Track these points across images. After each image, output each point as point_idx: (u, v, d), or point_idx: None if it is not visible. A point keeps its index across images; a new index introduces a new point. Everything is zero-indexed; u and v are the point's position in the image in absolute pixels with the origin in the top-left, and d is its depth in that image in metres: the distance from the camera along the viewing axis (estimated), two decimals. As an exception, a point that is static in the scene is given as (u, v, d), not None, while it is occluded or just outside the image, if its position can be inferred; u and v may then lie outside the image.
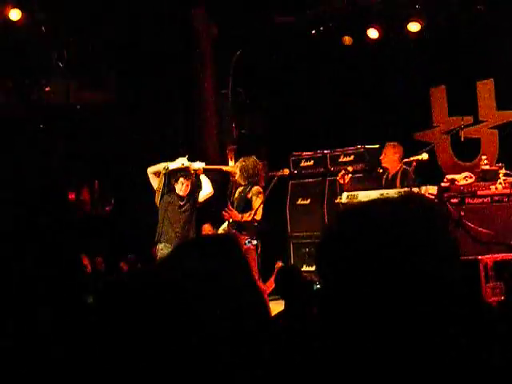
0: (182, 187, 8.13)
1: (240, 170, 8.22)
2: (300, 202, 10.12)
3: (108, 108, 10.96)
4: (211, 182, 8.55)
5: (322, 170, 10.04)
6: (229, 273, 1.52)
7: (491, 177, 6.98)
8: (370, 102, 11.06)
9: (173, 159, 8.94)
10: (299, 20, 10.93)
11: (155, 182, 8.35)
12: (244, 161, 8.35)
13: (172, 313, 1.34)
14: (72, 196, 11.61)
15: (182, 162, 8.24)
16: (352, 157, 9.77)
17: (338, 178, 8.64)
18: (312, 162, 10.17)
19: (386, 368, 1.38)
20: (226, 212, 8.08)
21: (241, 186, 8.32)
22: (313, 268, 9.64)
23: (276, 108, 11.86)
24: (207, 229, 9.14)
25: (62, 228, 8.81)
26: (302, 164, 10.18)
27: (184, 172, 8.20)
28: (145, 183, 11.27)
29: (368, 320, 1.40)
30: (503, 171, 7.10)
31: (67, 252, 2.10)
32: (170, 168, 8.18)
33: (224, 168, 8.83)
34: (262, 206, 8.07)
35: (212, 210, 8.77)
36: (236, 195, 8.39)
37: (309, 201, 9.86)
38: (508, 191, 6.78)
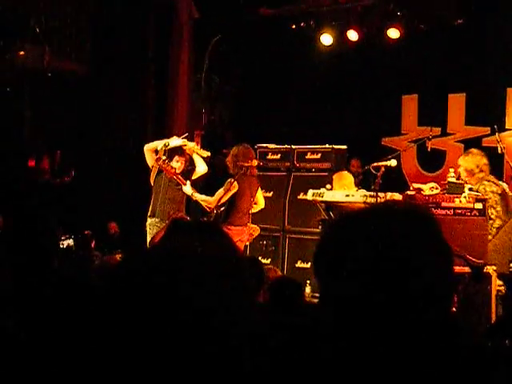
0: (177, 165, 8.22)
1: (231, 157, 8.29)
2: (263, 194, 10.12)
3: (80, 79, 10.81)
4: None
5: (288, 164, 10.05)
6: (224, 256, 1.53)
7: (456, 190, 7.08)
8: (342, 102, 11.12)
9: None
10: (281, 13, 10.93)
11: (151, 159, 8.39)
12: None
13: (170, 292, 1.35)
14: (32, 163, 11.45)
15: (180, 140, 8.37)
16: (319, 155, 9.79)
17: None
18: (279, 155, 10.16)
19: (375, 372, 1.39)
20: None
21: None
22: (268, 261, 9.66)
23: (248, 98, 11.84)
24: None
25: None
26: (269, 157, 10.17)
27: (180, 150, 8.29)
28: (105, 160, 11.19)
29: (363, 328, 1.40)
30: (468, 185, 7.20)
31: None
32: (171, 145, 8.27)
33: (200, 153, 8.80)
34: (224, 196, 8.13)
35: None
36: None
37: (271, 194, 9.87)
38: (471, 206, 6.88)
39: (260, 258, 9.79)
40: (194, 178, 8.52)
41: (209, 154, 8.65)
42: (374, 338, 1.41)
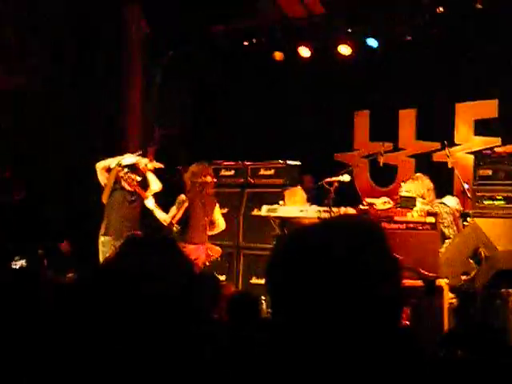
0: (129, 180, 8.20)
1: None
2: (216, 210, 10.12)
3: (30, 94, 10.69)
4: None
5: (241, 180, 10.08)
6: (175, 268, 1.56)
7: (408, 204, 7.18)
8: (295, 117, 11.20)
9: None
10: (233, 30, 10.99)
11: (103, 178, 8.34)
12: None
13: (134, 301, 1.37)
14: (-19, 181, 11.23)
15: (134, 157, 8.35)
16: (272, 171, 9.85)
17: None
18: (233, 172, 10.19)
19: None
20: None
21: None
22: (223, 277, 9.64)
23: (202, 114, 11.85)
24: None
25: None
26: (222, 173, 10.19)
27: (133, 167, 8.28)
28: (59, 177, 11.05)
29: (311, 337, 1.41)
30: (420, 200, 7.31)
31: None
32: (124, 163, 8.23)
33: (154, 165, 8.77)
34: (177, 213, 8.14)
35: None
36: None
37: (226, 210, 9.85)
38: (423, 220, 6.99)
39: (215, 273, 9.78)
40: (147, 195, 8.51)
41: (162, 165, 8.68)
42: (324, 350, 1.42)
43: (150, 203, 8.31)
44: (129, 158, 8.39)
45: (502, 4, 9.36)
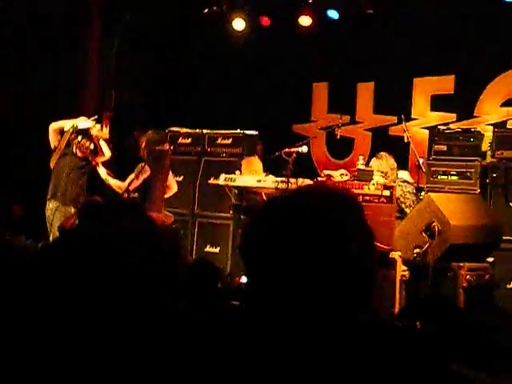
0: (83, 148, 8.09)
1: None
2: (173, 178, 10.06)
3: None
4: None
5: (199, 149, 10.02)
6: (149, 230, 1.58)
7: (365, 177, 7.25)
8: (253, 87, 11.14)
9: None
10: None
11: (55, 140, 8.20)
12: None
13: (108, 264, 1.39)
14: None
15: (89, 122, 8.20)
16: (230, 140, 9.81)
17: None
18: (190, 139, 10.13)
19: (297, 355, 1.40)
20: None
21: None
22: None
23: (160, 80, 11.72)
24: None
25: None
26: (180, 141, 10.12)
27: (87, 133, 8.14)
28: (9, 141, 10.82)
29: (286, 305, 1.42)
30: (378, 173, 7.38)
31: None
32: (79, 127, 8.08)
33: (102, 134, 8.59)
34: (135, 181, 8.09)
35: None
36: None
37: (182, 178, 9.81)
38: (379, 193, 7.06)
39: (169, 242, 9.75)
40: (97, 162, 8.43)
41: (107, 136, 8.51)
42: (301, 319, 1.43)
43: (102, 171, 8.23)
44: (84, 122, 8.25)
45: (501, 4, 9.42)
